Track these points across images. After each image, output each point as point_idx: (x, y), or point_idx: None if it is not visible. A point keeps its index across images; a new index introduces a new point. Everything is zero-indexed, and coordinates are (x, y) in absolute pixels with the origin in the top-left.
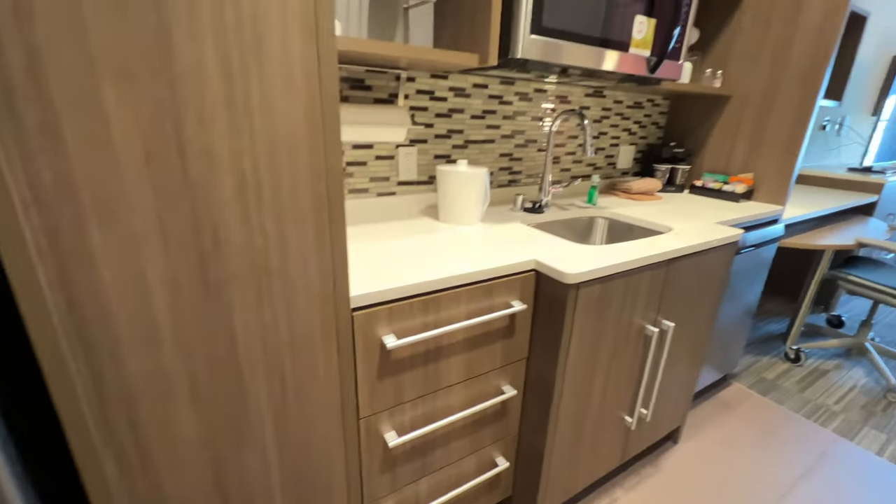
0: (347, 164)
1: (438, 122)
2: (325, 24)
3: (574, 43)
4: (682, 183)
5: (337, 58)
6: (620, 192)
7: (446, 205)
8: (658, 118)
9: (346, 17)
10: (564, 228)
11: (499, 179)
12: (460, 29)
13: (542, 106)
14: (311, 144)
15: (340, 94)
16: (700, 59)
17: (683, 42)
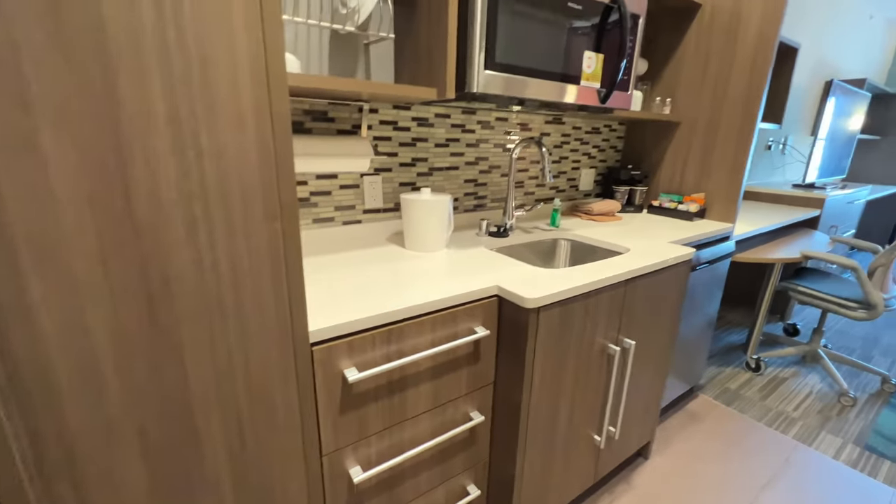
0: (312, 193)
1: (403, 150)
2: (276, 66)
3: (527, 77)
4: (641, 203)
5: (288, 98)
6: (582, 213)
7: (411, 232)
8: (616, 142)
9: (307, 55)
10: (529, 251)
11: (464, 205)
12: (419, 64)
13: (503, 133)
14: (265, 183)
15: (303, 127)
16: (650, 88)
17: (631, 74)
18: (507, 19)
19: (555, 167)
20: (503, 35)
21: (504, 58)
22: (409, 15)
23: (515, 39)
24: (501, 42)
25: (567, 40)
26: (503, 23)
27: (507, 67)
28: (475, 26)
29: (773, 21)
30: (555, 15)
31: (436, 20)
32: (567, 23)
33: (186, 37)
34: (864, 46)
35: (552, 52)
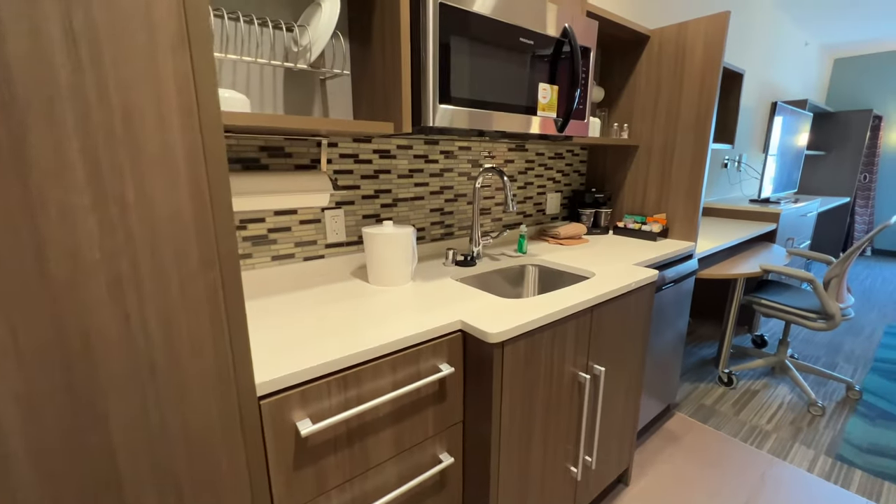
0: (270, 230)
1: (365, 183)
2: (209, 110)
3: (483, 110)
4: (607, 225)
5: (223, 143)
6: (550, 237)
7: (374, 267)
8: (579, 166)
9: (261, 92)
10: (496, 279)
11: (431, 234)
12: (375, 98)
13: (467, 162)
14: (200, 233)
15: (259, 164)
16: (608, 115)
17: (586, 103)
18: (459, 56)
19: (520, 192)
20: (457, 70)
21: (459, 92)
22: (364, 51)
23: (469, 74)
24: (455, 77)
25: (522, 73)
26: (456, 59)
27: (462, 101)
28: (427, 63)
29: (715, 48)
30: (508, 50)
31: (389, 57)
32: (521, 57)
33: (107, 86)
34: (803, 70)
35: (508, 85)
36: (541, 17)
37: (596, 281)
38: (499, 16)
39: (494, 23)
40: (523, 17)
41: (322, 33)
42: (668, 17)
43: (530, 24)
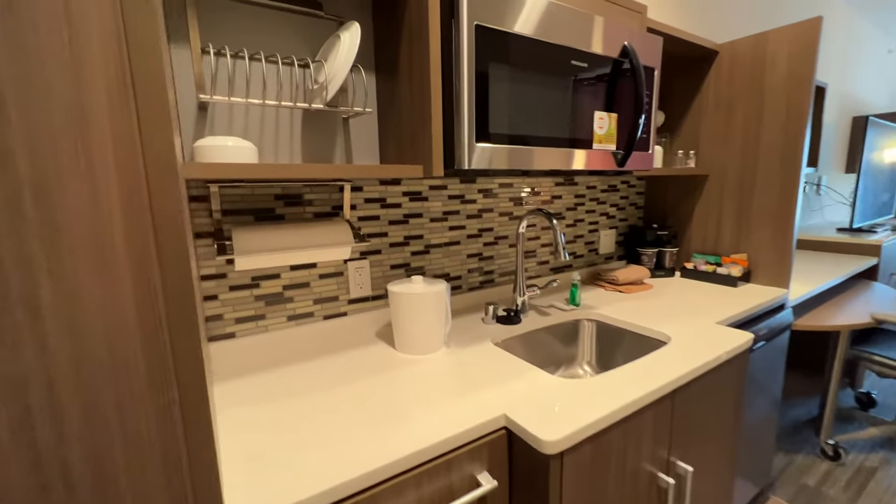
0: (286, 287)
1: (393, 229)
2: (163, 183)
3: (527, 146)
4: (672, 266)
5: (185, 238)
6: (606, 283)
7: (401, 332)
8: (636, 199)
9: (276, 135)
10: (546, 339)
11: (469, 282)
12: (403, 138)
13: (508, 200)
14: (151, 350)
15: (273, 214)
16: (669, 140)
17: (650, 131)
18: (500, 85)
19: (569, 231)
20: (497, 102)
21: (499, 127)
22: (390, 85)
23: (511, 107)
24: (495, 110)
25: (573, 102)
26: (496, 89)
27: (502, 138)
28: (462, 95)
29: (805, 61)
30: (556, 76)
31: (417, 89)
32: (572, 83)
33: (12, 151)
34: (888, 80)
35: (557, 116)
36: (593, 35)
37: (674, 348)
38: (545, 36)
39: (541, 45)
40: (573, 36)
41: (339, 68)
42: (731, 29)
43: (581, 43)
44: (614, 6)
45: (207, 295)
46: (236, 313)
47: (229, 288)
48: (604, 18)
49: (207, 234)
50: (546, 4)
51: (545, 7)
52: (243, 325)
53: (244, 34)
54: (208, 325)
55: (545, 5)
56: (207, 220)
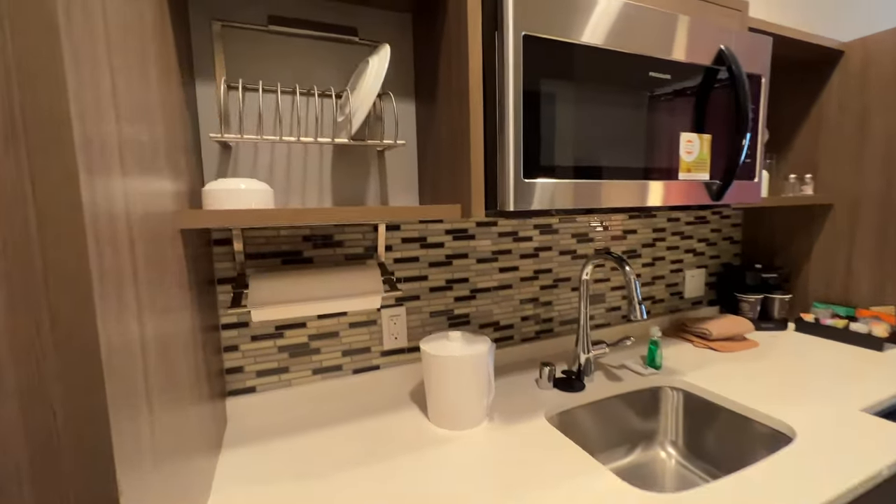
0: (311, 337)
1: (434, 272)
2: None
3: (591, 181)
4: (784, 317)
5: (91, 294)
6: (694, 336)
7: (435, 400)
8: (731, 231)
9: (304, 171)
10: (616, 413)
11: (522, 332)
12: (441, 173)
13: (571, 237)
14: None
15: (301, 256)
16: (776, 162)
17: (757, 154)
18: (555, 108)
19: (646, 271)
20: (551, 129)
21: (554, 158)
22: (429, 111)
23: (570, 132)
24: (548, 139)
25: (652, 122)
26: (550, 113)
27: (558, 171)
28: (507, 120)
29: None
30: (630, 92)
31: (457, 116)
32: (650, 99)
33: None
34: None
35: (629, 142)
36: (678, 39)
37: (804, 450)
38: (616, 45)
39: (609, 55)
40: (652, 42)
41: (365, 97)
42: (857, 25)
43: (662, 51)
44: (708, 4)
45: (228, 346)
46: (258, 366)
47: (251, 338)
48: (692, 18)
49: (230, 279)
50: (619, 6)
51: (618, 9)
52: (265, 379)
53: (274, 66)
54: (227, 378)
55: (618, 7)
56: (230, 264)
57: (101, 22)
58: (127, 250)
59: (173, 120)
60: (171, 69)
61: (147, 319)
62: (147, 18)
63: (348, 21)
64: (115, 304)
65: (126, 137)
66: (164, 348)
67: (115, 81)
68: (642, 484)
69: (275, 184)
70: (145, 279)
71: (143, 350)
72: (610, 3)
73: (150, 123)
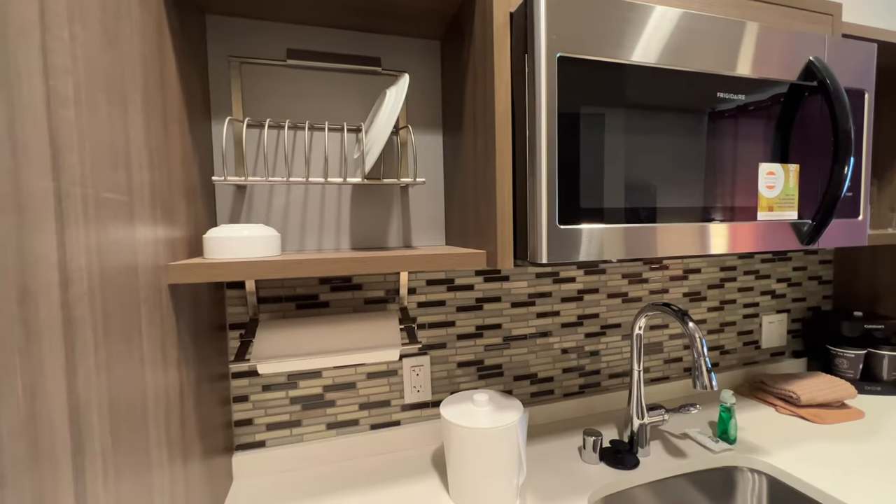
0: (326, 388)
1: (462, 317)
2: None
3: (644, 224)
4: (894, 378)
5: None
6: (777, 399)
7: (456, 476)
8: (818, 269)
9: (321, 212)
10: (679, 495)
11: (564, 386)
12: (466, 213)
13: (621, 277)
14: None
15: (317, 301)
16: (877, 190)
17: (862, 187)
18: (598, 138)
19: (714, 317)
20: (592, 165)
21: (596, 201)
22: (455, 144)
23: (617, 170)
24: (589, 177)
25: (721, 153)
26: (591, 144)
27: (601, 215)
28: (539, 157)
29: None
30: (692, 118)
31: (483, 150)
32: (719, 125)
33: None
34: None
35: (692, 178)
36: (751, 52)
37: None
38: (672, 62)
39: (663, 75)
40: (717, 57)
41: (379, 133)
42: None
43: (729, 67)
44: (791, 9)
45: (237, 396)
46: (268, 418)
47: (262, 388)
48: (769, 27)
49: (240, 325)
50: (678, 16)
51: (675, 20)
52: (275, 433)
53: (291, 101)
54: (236, 430)
55: (676, 17)
56: (243, 308)
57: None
58: (59, 304)
59: (170, 164)
60: (169, 112)
61: (91, 377)
62: (129, 65)
63: (371, 51)
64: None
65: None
66: (118, 409)
67: None
68: None
69: (290, 225)
70: (91, 336)
71: (80, 411)
72: (665, 14)
73: (125, 170)
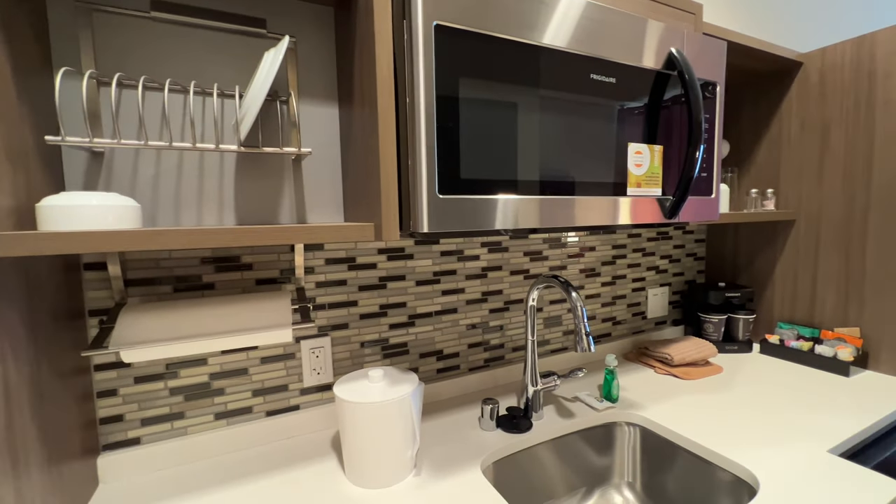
0: (213, 376)
1: (365, 297)
2: None
3: (517, 196)
4: (748, 338)
5: None
6: (656, 361)
7: (350, 454)
8: (694, 247)
9: (199, 183)
10: (567, 451)
11: (470, 361)
12: (358, 186)
13: (522, 255)
14: None
15: (200, 282)
16: (737, 176)
17: (714, 168)
18: (477, 112)
19: (607, 291)
20: (472, 136)
21: (476, 170)
22: (348, 116)
23: (497, 141)
24: (470, 148)
25: (593, 131)
26: (471, 118)
27: (481, 186)
28: (418, 125)
29: None
30: (567, 96)
31: (369, 120)
32: (592, 106)
33: None
34: None
35: (567, 153)
36: (621, 39)
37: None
38: (547, 41)
39: (540, 52)
40: (590, 41)
41: (253, 98)
42: (816, 35)
43: (601, 50)
44: (658, 4)
45: (103, 390)
46: (143, 412)
47: (134, 380)
48: (639, 17)
49: (103, 311)
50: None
51: (551, 3)
52: (153, 428)
53: (160, 61)
54: (102, 429)
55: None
56: (106, 292)
57: None
58: None
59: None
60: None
61: None
62: None
63: (257, 11)
64: None
65: None
66: None
67: None
68: None
69: (162, 199)
70: None
71: None
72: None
73: None
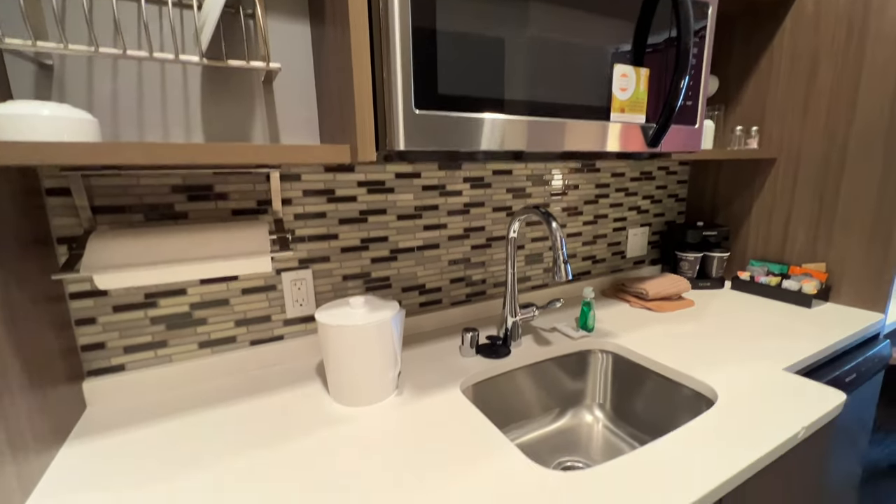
0: (194, 306)
1: (345, 230)
2: None
3: (500, 115)
4: (721, 276)
5: None
6: (631, 296)
7: (334, 375)
8: (676, 188)
9: (163, 102)
10: (541, 381)
11: (452, 295)
12: (332, 107)
13: (506, 192)
14: None
15: (173, 211)
16: (723, 114)
17: (699, 97)
18: (456, 23)
19: (588, 230)
20: (449, 49)
21: (455, 86)
22: (321, 32)
23: (476, 56)
24: (447, 61)
25: (580, 51)
26: (448, 29)
27: (460, 103)
28: (392, 37)
29: None
30: (554, 10)
31: (341, 35)
32: (579, 21)
33: None
34: None
35: (551, 72)
36: None
37: (723, 415)
38: None
39: None
40: None
41: (211, 4)
42: None
43: None
44: None
45: (81, 318)
46: (125, 340)
47: (113, 308)
48: None
49: (72, 238)
50: None
51: None
52: (136, 356)
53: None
54: (85, 356)
55: None
56: (74, 219)
57: None
58: None
59: None
60: None
61: None
62: None
63: None
64: None
65: None
66: None
67: None
68: (567, 449)
69: (121, 118)
70: None
71: None
72: None
73: None
